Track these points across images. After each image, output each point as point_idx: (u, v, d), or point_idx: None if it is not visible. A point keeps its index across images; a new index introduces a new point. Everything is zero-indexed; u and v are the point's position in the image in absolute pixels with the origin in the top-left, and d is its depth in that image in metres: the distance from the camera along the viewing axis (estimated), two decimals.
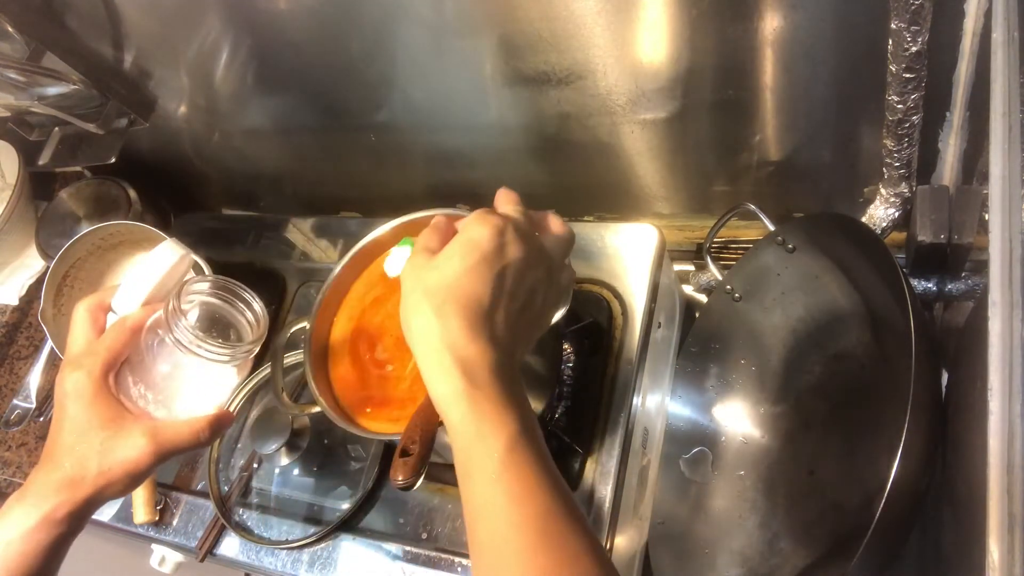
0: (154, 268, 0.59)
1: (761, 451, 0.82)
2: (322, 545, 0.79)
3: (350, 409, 0.64)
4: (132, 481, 0.52)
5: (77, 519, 0.51)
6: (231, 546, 0.82)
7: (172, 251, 0.59)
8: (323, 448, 0.85)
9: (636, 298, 0.79)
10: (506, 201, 0.53)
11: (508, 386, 0.47)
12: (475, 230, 0.48)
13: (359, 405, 0.63)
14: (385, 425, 0.61)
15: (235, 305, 0.57)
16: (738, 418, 0.85)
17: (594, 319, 0.79)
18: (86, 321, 0.56)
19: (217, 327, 0.57)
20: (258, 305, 0.58)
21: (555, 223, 0.54)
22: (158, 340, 0.55)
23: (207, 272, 0.70)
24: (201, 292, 0.57)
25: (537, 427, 0.47)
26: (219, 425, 0.56)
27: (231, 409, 0.60)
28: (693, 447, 0.86)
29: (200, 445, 0.55)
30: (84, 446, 0.51)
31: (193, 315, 0.56)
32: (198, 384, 0.56)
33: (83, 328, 0.56)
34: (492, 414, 0.45)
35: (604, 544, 0.68)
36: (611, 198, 0.93)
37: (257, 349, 0.58)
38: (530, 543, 0.43)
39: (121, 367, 0.55)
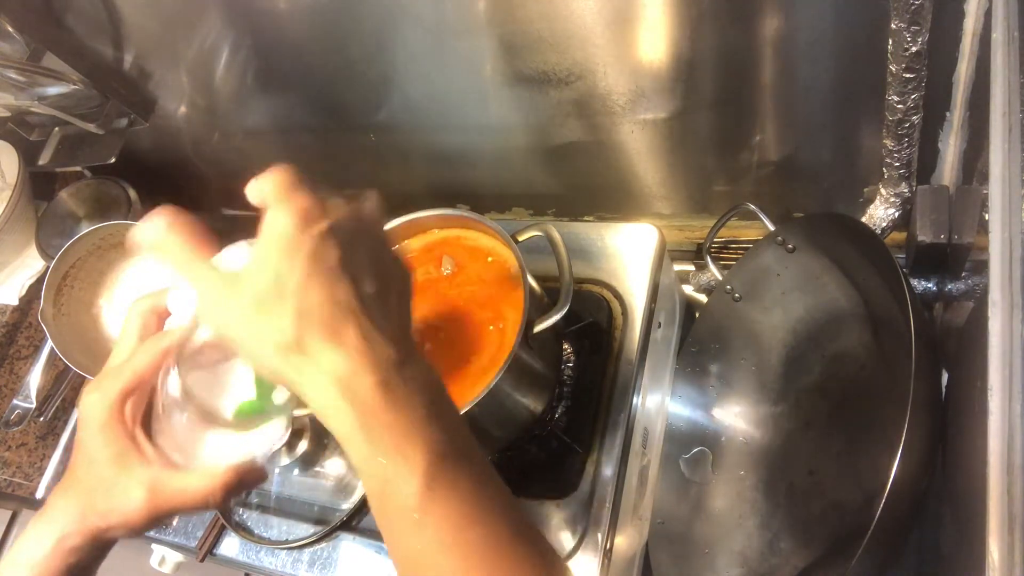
0: None
1: (761, 451, 0.82)
2: (322, 545, 0.79)
3: None
4: (130, 532, 0.46)
5: (91, 551, 0.46)
6: (231, 546, 0.82)
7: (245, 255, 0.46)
8: (323, 448, 0.85)
9: (636, 298, 0.79)
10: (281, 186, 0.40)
11: (412, 394, 0.38)
12: (276, 223, 0.38)
13: None
14: None
15: None
16: (738, 418, 0.85)
17: (594, 319, 0.79)
18: (135, 328, 0.47)
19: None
20: None
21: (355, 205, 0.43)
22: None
23: None
24: None
25: (463, 432, 0.40)
26: (240, 485, 0.46)
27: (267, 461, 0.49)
28: (693, 447, 0.86)
29: (209, 508, 0.46)
30: (91, 479, 0.45)
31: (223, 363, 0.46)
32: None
33: (130, 336, 0.47)
34: (398, 441, 0.37)
35: (604, 544, 0.68)
36: (611, 198, 0.93)
37: (290, 413, 0.46)
38: None
39: (155, 391, 0.46)
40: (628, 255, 0.81)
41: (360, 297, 0.38)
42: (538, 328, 0.62)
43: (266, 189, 0.39)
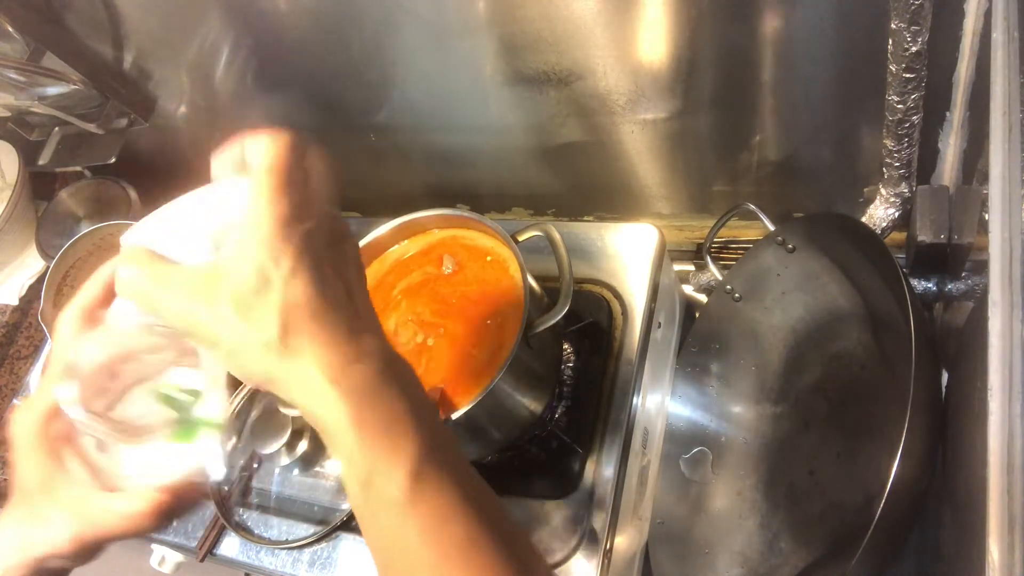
0: None
1: (761, 451, 0.82)
2: (322, 545, 0.79)
3: None
4: (66, 563, 0.42)
5: None
6: (231, 546, 0.82)
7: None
8: (323, 448, 0.85)
9: (636, 298, 0.79)
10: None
11: (399, 386, 0.38)
12: (262, 215, 0.37)
13: None
14: None
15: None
16: (738, 418, 0.85)
17: (594, 319, 0.79)
18: (67, 338, 0.43)
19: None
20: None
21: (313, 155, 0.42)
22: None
23: None
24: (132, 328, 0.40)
25: (444, 429, 0.40)
26: (176, 505, 0.42)
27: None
28: (693, 447, 0.86)
29: (141, 533, 0.42)
30: (23, 507, 0.41)
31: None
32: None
33: (61, 348, 0.43)
34: (390, 434, 0.36)
35: (604, 544, 0.68)
36: (611, 198, 0.93)
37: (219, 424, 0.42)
38: None
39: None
40: (628, 255, 0.81)
41: (347, 292, 0.38)
42: (538, 328, 0.62)
43: (257, 162, 0.38)
